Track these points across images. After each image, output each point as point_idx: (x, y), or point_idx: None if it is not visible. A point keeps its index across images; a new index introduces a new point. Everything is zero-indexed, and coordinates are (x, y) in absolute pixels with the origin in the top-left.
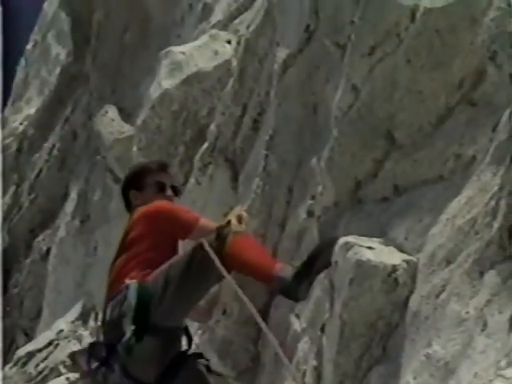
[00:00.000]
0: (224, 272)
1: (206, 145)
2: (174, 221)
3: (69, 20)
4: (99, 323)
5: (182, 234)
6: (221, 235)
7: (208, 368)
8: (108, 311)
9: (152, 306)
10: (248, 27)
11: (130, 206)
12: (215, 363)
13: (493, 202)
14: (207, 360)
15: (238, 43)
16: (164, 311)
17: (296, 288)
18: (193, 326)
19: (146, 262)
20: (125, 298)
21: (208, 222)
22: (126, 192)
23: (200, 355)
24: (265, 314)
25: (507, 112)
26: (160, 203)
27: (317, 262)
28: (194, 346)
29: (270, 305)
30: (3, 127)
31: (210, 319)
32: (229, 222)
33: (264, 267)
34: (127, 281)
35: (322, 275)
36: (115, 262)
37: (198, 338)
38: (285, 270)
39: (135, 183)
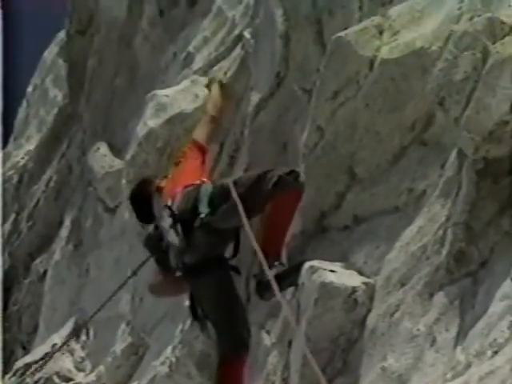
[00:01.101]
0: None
1: None
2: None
3: (65, 66)
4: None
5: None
6: (287, 181)
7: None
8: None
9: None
10: (225, 73)
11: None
12: (194, 374)
13: (441, 231)
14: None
15: None
16: (227, 212)
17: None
18: (174, 341)
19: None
20: (198, 191)
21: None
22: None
23: (236, 269)
24: None
25: (454, 151)
26: None
27: (285, 280)
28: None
29: None
30: (6, 162)
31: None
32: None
33: (279, 243)
34: (201, 180)
35: (289, 296)
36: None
37: (178, 351)
38: (279, 266)
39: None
